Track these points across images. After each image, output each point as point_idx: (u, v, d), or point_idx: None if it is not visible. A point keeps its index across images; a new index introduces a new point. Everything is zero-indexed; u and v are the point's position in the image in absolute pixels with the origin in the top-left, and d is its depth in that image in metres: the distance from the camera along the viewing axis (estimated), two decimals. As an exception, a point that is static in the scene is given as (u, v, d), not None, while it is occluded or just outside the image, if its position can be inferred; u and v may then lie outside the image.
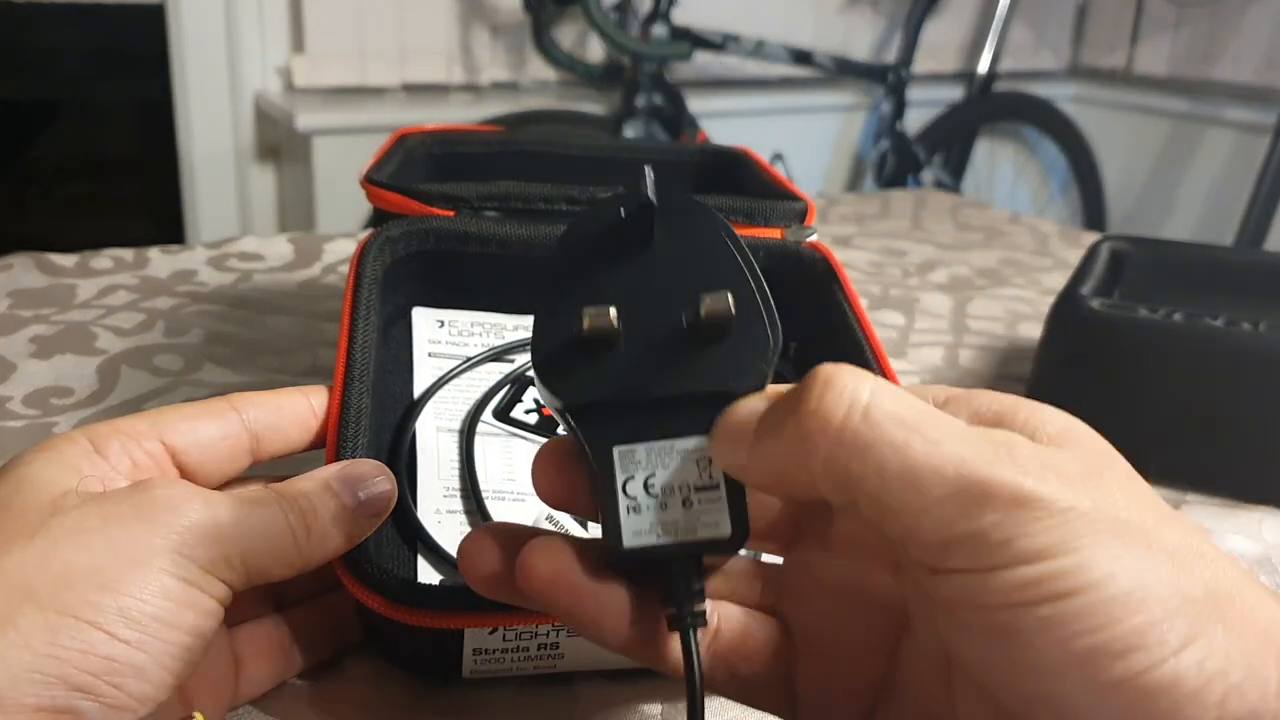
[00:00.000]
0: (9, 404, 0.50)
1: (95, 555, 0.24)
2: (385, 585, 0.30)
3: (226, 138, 1.83)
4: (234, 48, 1.78)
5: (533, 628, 0.31)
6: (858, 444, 0.21)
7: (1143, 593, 0.19)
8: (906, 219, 0.96)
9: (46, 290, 0.65)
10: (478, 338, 0.44)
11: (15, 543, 0.24)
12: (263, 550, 0.27)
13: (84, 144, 1.93)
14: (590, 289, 0.26)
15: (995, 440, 0.21)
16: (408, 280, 0.44)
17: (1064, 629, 0.19)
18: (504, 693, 0.33)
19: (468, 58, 1.93)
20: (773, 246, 0.47)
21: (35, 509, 0.25)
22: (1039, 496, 0.20)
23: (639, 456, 0.25)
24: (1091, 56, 2.50)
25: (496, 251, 0.45)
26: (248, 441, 0.31)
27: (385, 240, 0.43)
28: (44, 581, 0.24)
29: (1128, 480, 0.22)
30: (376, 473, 0.30)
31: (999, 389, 0.59)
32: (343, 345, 0.36)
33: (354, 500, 0.29)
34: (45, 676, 0.23)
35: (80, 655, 0.23)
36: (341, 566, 0.30)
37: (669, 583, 0.25)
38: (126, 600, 0.24)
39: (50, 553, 0.24)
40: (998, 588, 0.20)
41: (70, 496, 0.26)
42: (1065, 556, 0.20)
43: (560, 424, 0.26)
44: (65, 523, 0.25)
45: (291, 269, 0.71)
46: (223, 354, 0.57)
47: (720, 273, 0.26)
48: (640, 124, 1.90)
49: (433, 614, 0.30)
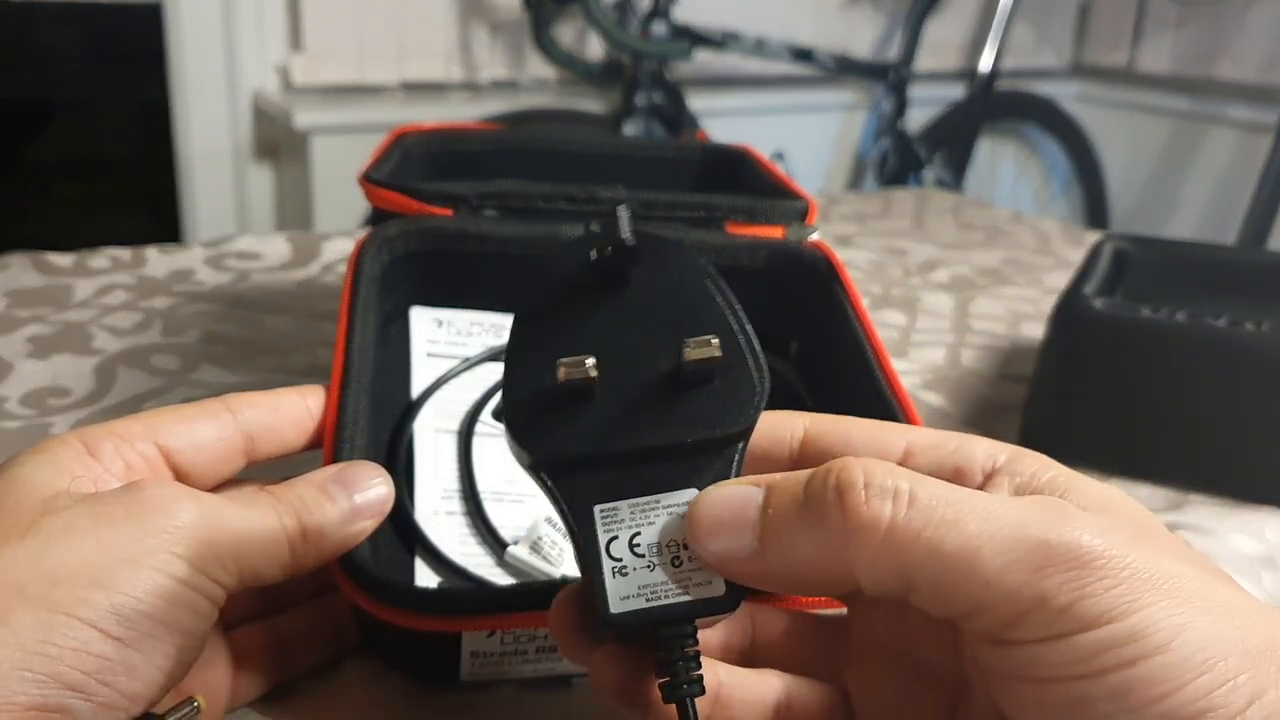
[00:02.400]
0: (6, 404, 0.50)
1: (87, 554, 0.24)
2: (382, 589, 0.30)
3: (224, 136, 1.82)
4: (232, 46, 1.78)
5: (530, 630, 0.31)
6: (910, 532, 0.21)
7: (1208, 651, 0.19)
8: (908, 218, 0.96)
9: (43, 290, 0.64)
10: (476, 337, 0.44)
11: (6, 542, 0.24)
12: (255, 552, 0.27)
13: (81, 143, 1.93)
14: (564, 338, 0.24)
15: (1046, 504, 0.21)
16: (406, 279, 0.44)
17: (1135, 695, 0.19)
18: (502, 696, 0.33)
19: (467, 56, 1.93)
20: (774, 245, 0.46)
21: (27, 509, 0.25)
22: (1099, 553, 0.20)
23: (622, 514, 0.23)
24: (1094, 55, 2.50)
25: (495, 250, 0.44)
26: (242, 442, 0.30)
27: (383, 240, 0.43)
28: (35, 580, 0.23)
29: (1171, 540, 0.22)
30: (374, 475, 0.30)
31: (1001, 389, 0.60)
32: (340, 345, 0.36)
33: (350, 503, 0.29)
34: (36, 675, 0.22)
35: (72, 654, 0.23)
36: (339, 570, 0.30)
37: (659, 651, 0.23)
38: (119, 598, 0.24)
39: (41, 552, 0.24)
40: (1065, 658, 0.20)
41: (62, 497, 0.26)
42: (1129, 618, 0.19)
43: (535, 484, 0.24)
44: (56, 522, 0.25)
45: (289, 268, 0.71)
46: (220, 354, 0.57)
47: (703, 315, 0.25)
48: (640, 122, 1.90)
49: (430, 618, 0.30)
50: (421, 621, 0.29)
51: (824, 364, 0.46)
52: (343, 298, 0.39)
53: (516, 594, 0.30)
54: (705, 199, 0.47)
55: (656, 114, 1.92)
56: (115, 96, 1.91)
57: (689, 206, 0.46)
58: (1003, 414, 0.57)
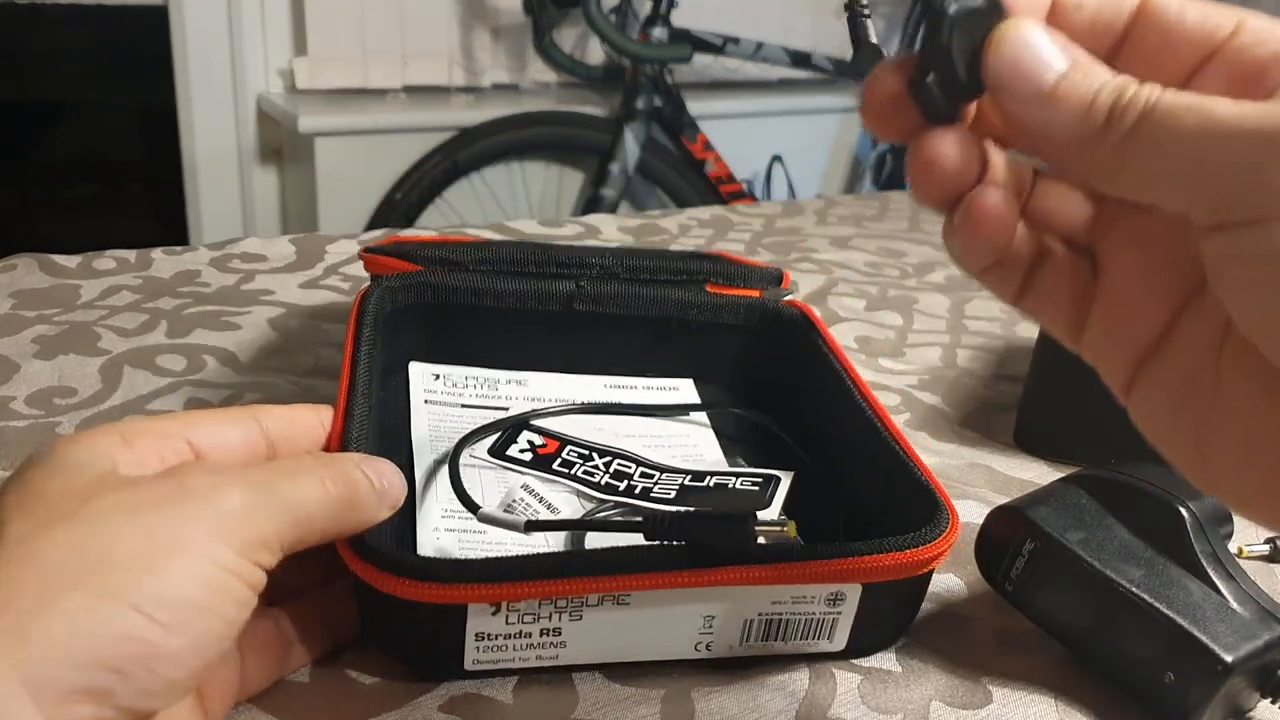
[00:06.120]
0: (12, 404, 0.51)
1: (134, 539, 0.24)
2: (390, 560, 0.30)
3: (229, 139, 1.83)
4: (237, 50, 1.79)
5: (535, 605, 0.32)
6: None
7: None
8: (905, 220, 0.97)
9: (50, 291, 0.65)
10: (472, 389, 0.46)
11: (55, 524, 0.24)
12: (303, 518, 0.28)
13: (88, 146, 1.94)
14: None
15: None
16: (406, 331, 0.45)
17: None
18: (505, 687, 0.34)
19: (469, 60, 1.94)
20: (753, 303, 0.49)
21: (74, 492, 0.25)
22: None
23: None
24: (1091, 58, 2.51)
25: (491, 305, 0.46)
26: (265, 448, 0.32)
27: (385, 290, 0.44)
28: (85, 564, 0.24)
29: None
30: (393, 468, 0.32)
31: (996, 388, 0.60)
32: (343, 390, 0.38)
33: (380, 484, 0.31)
34: (85, 658, 0.23)
35: (119, 639, 0.23)
36: (345, 546, 0.31)
37: None
38: (165, 585, 0.24)
39: (89, 535, 0.24)
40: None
41: (108, 479, 0.26)
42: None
43: None
44: (104, 505, 0.25)
45: (294, 270, 0.72)
46: (225, 354, 0.58)
47: None
48: (640, 126, 1.90)
49: (437, 586, 0.30)
50: (429, 591, 0.30)
51: (812, 410, 0.47)
52: (345, 345, 0.41)
53: (525, 562, 0.31)
54: (686, 263, 0.51)
55: (656, 118, 1.93)
56: (121, 100, 1.92)
57: (671, 270, 0.49)
58: (998, 413, 0.57)
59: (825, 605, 0.34)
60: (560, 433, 0.44)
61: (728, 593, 0.33)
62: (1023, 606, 0.37)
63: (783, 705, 0.34)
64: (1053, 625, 0.36)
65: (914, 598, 0.37)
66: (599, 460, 0.43)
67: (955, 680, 0.36)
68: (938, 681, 0.36)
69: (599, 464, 0.42)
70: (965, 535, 0.40)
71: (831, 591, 0.34)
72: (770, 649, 0.35)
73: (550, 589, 0.31)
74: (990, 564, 0.38)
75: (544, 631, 0.32)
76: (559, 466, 0.42)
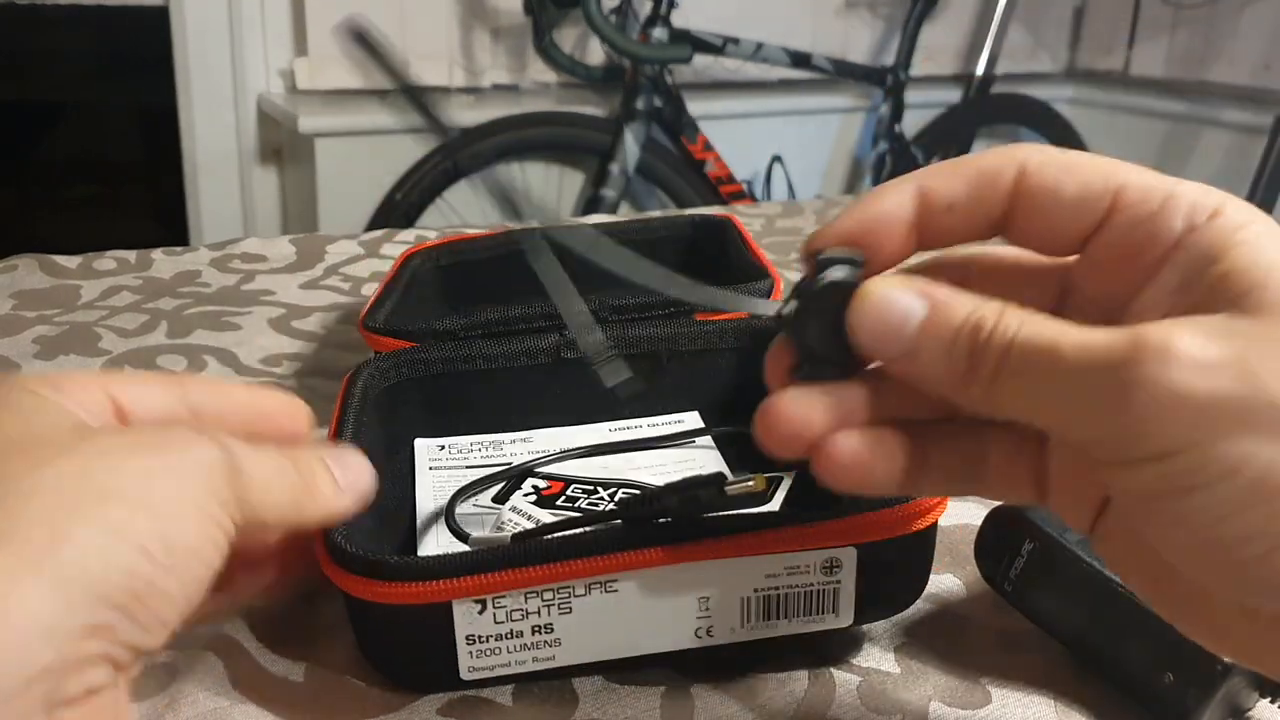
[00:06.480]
0: (15, 404, 0.51)
1: (131, 478, 0.24)
2: (366, 564, 0.31)
3: (230, 140, 1.83)
4: (237, 50, 1.79)
5: (521, 600, 0.32)
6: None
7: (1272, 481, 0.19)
8: (904, 221, 0.97)
9: (50, 291, 0.65)
10: (477, 452, 0.47)
11: (50, 461, 0.24)
12: (269, 501, 0.27)
13: (88, 146, 1.94)
14: None
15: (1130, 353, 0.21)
16: (406, 408, 0.46)
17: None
18: (504, 691, 0.34)
19: (469, 60, 1.94)
20: (740, 325, 0.49)
21: (61, 432, 0.25)
22: None
23: None
24: (1089, 58, 2.51)
25: (484, 368, 0.47)
26: (186, 418, 0.30)
27: (376, 369, 0.44)
28: (86, 498, 0.23)
29: None
30: (362, 461, 0.31)
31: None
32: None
33: (343, 478, 0.30)
34: (93, 593, 0.23)
35: (126, 576, 0.23)
36: (323, 556, 0.31)
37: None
38: (163, 524, 0.24)
39: (89, 471, 0.24)
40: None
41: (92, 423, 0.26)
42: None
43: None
44: (98, 444, 0.25)
45: (294, 270, 0.72)
46: (225, 354, 0.58)
47: None
48: (640, 126, 1.91)
49: (418, 585, 0.30)
50: (409, 591, 0.30)
51: None
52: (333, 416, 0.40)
53: (503, 553, 0.31)
54: (672, 300, 0.50)
55: (656, 118, 1.93)
56: (121, 100, 1.92)
57: (659, 306, 0.50)
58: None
59: (822, 575, 0.34)
60: (564, 474, 0.44)
61: (716, 568, 0.33)
62: (1022, 607, 0.37)
63: (782, 705, 0.34)
64: (1052, 625, 0.36)
65: (918, 562, 0.36)
66: (604, 492, 0.43)
67: (954, 680, 0.36)
68: (937, 682, 0.36)
69: (604, 495, 0.43)
70: (965, 535, 0.40)
71: (826, 558, 0.33)
72: (774, 629, 0.34)
73: (531, 576, 0.31)
74: (989, 564, 0.38)
75: (536, 629, 0.32)
76: (563, 504, 0.42)
